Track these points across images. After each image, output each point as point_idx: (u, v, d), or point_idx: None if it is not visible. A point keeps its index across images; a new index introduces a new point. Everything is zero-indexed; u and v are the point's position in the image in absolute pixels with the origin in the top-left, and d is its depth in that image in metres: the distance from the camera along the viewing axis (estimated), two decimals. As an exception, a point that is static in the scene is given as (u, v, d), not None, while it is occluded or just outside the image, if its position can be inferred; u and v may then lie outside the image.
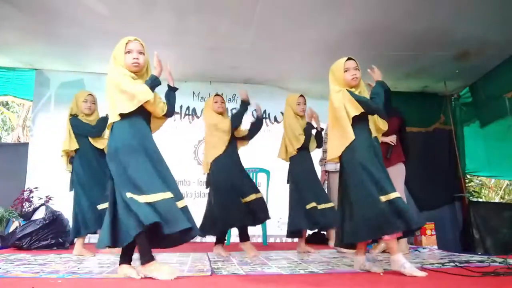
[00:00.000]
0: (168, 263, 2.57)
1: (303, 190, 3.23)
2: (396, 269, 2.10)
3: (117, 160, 1.96)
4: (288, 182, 3.37)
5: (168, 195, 1.92)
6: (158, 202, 1.89)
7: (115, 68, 2.08)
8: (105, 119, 2.91)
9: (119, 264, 2.04)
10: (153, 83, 2.07)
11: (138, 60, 2.06)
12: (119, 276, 2.00)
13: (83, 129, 3.11)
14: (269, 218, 3.18)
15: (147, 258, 1.93)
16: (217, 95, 3.32)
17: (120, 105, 2.01)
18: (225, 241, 3.31)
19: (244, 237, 3.09)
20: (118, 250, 2.16)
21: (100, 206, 2.94)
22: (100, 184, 2.95)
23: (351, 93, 2.24)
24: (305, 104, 3.33)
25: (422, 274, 2.01)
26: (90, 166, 3.08)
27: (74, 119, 3.13)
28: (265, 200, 4.19)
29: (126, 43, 2.07)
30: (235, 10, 3.52)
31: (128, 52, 2.06)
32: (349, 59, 2.32)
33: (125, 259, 2.04)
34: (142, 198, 1.88)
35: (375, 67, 2.40)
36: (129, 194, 1.88)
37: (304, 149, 3.29)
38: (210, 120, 3.22)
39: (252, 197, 3.09)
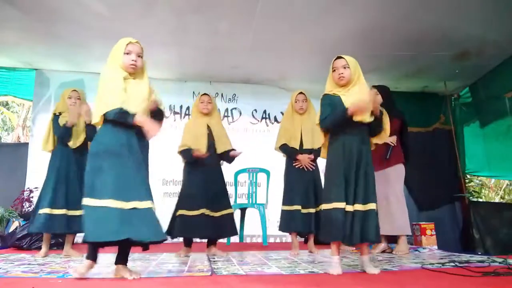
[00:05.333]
0: (168, 262, 2.58)
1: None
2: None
3: (91, 163, 1.99)
4: None
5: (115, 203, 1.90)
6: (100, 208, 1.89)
7: (109, 67, 2.09)
8: (90, 129, 2.96)
9: (115, 264, 2.05)
10: (117, 116, 1.98)
11: (136, 62, 2.08)
12: (115, 276, 2.01)
13: (57, 132, 3.09)
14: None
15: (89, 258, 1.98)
16: (204, 94, 3.29)
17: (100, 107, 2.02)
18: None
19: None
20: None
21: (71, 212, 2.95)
22: (67, 187, 2.98)
23: (324, 100, 2.31)
24: (304, 101, 3.26)
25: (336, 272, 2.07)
26: (60, 166, 3.05)
27: (55, 120, 3.11)
28: (265, 200, 4.24)
29: (127, 44, 2.09)
30: (235, 10, 3.52)
31: (127, 53, 2.08)
32: (338, 57, 2.29)
33: (120, 259, 2.04)
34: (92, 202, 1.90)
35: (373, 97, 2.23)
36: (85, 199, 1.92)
37: None
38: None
39: None
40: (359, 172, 2.16)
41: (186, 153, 3.13)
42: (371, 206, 2.13)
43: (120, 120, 1.97)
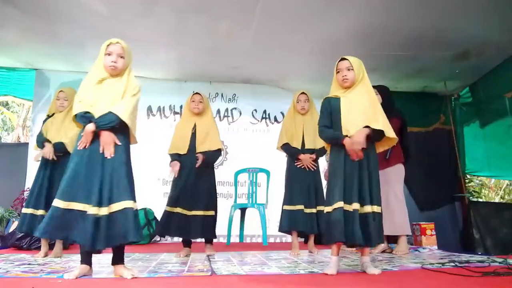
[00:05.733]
0: (168, 262, 2.58)
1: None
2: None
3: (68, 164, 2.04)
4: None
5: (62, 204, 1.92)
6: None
7: (93, 67, 2.15)
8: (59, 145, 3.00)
9: (112, 264, 2.05)
10: (81, 120, 2.05)
11: (116, 63, 2.09)
12: (115, 275, 2.01)
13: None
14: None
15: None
16: (196, 93, 3.27)
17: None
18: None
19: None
20: None
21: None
22: (40, 188, 2.99)
23: (323, 106, 2.34)
24: (306, 101, 3.27)
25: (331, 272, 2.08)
26: (40, 168, 3.08)
27: (43, 123, 3.19)
28: (265, 200, 4.24)
29: (108, 45, 2.11)
30: (235, 10, 3.52)
31: (108, 54, 2.10)
32: (342, 59, 2.29)
33: (116, 259, 2.04)
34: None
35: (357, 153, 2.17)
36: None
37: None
38: None
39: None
40: (362, 174, 2.16)
41: (171, 159, 3.16)
42: (376, 208, 2.13)
43: (81, 123, 2.04)
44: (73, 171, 1.97)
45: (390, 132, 2.23)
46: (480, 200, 7.71)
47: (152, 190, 4.72)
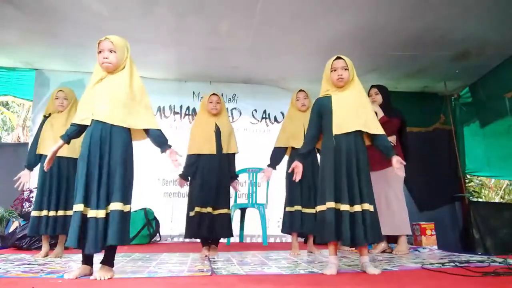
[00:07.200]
0: (168, 262, 2.58)
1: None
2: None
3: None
4: None
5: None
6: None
7: (93, 72, 2.15)
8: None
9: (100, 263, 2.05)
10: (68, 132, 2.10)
11: (108, 59, 2.07)
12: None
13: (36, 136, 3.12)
14: None
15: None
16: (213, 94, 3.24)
17: None
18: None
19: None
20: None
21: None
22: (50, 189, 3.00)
23: (312, 111, 2.40)
24: (305, 98, 3.26)
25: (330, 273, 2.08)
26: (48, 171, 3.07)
27: (41, 123, 3.15)
28: (265, 200, 4.24)
29: (98, 43, 2.10)
30: (235, 10, 3.52)
31: (99, 52, 2.09)
32: (338, 58, 2.30)
33: (103, 259, 2.04)
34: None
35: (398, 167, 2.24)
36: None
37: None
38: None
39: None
40: (352, 172, 2.16)
41: (188, 161, 3.14)
42: (367, 206, 2.13)
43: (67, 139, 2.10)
44: (85, 175, 1.96)
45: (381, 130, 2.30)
46: (480, 200, 7.71)
47: (152, 190, 4.72)
